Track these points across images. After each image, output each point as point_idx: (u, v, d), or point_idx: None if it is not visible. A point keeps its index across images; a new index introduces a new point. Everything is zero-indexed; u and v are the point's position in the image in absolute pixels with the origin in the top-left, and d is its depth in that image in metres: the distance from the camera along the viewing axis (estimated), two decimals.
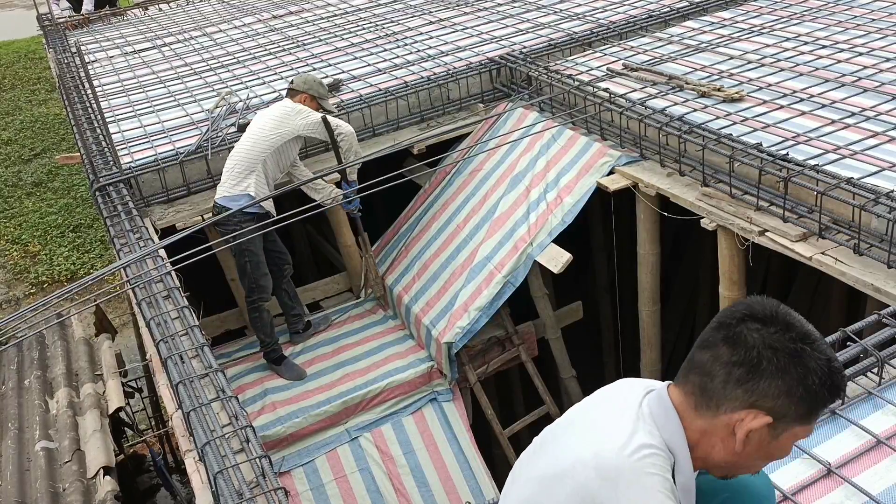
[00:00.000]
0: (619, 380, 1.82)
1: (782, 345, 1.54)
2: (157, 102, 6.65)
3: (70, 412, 4.73)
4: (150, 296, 4.08)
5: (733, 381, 1.55)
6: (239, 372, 5.43)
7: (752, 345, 1.54)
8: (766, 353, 1.53)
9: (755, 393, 1.54)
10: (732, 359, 1.56)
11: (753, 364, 1.54)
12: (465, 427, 5.14)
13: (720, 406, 1.58)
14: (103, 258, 9.99)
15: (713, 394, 1.58)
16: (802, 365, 1.53)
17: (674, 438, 1.60)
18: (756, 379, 1.54)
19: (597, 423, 1.65)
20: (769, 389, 1.53)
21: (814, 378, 1.53)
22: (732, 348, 1.56)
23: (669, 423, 1.61)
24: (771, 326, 1.55)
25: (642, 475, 1.53)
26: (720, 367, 1.57)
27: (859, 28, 6.01)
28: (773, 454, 1.64)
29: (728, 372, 1.56)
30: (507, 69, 6.25)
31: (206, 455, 3.04)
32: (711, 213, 4.43)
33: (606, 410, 1.68)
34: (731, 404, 1.56)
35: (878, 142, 4.40)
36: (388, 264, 5.92)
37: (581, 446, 1.61)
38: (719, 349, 1.58)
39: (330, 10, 8.82)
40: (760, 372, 1.53)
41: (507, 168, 5.62)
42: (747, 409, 1.56)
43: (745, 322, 1.57)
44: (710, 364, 1.59)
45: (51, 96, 15.04)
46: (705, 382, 1.59)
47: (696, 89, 5.30)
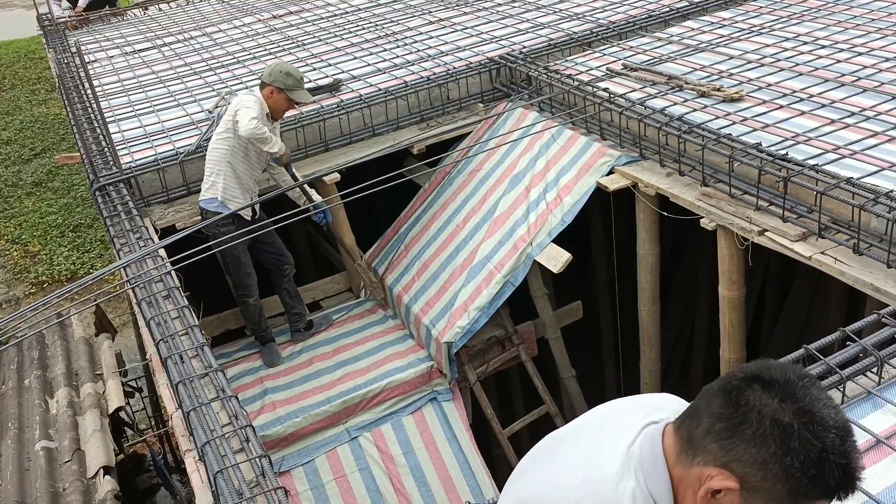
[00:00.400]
0: (624, 400, 1.75)
1: (772, 413, 1.40)
2: (156, 102, 6.65)
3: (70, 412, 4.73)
4: (149, 295, 4.08)
5: (713, 434, 1.45)
6: (239, 372, 5.44)
7: (742, 404, 1.43)
8: (751, 416, 1.41)
9: (729, 453, 1.43)
10: (718, 411, 1.46)
11: (735, 422, 1.42)
12: (465, 427, 5.14)
13: (696, 456, 1.48)
14: (103, 258, 9.99)
15: (694, 440, 1.49)
16: (784, 442, 1.38)
17: (657, 489, 1.52)
18: (734, 439, 1.42)
19: (588, 456, 1.60)
20: (743, 455, 1.41)
21: (794, 461, 1.37)
22: (725, 401, 1.46)
23: (656, 472, 1.53)
24: (772, 391, 1.42)
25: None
26: (707, 416, 1.48)
27: (859, 28, 6.02)
28: None
29: (711, 423, 1.46)
30: (506, 69, 6.25)
31: (205, 455, 3.04)
32: (711, 212, 4.43)
33: (601, 441, 1.62)
34: (706, 457, 1.46)
35: (877, 141, 4.40)
36: (388, 264, 5.92)
37: (569, 481, 1.57)
38: (714, 398, 1.49)
39: (330, 10, 8.83)
40: (739, 433, 1.41)
41: (506, 168, 5.62)
42: (719, 467, 1.44)
43: (749, 380, 1.46)
44: (701, 411, 1.50)
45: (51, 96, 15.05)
46: (692, 429, 1.50)
47: (695, 89, 5.30)
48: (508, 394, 6.78)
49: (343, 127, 5.86)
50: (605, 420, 1.68)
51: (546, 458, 1.71)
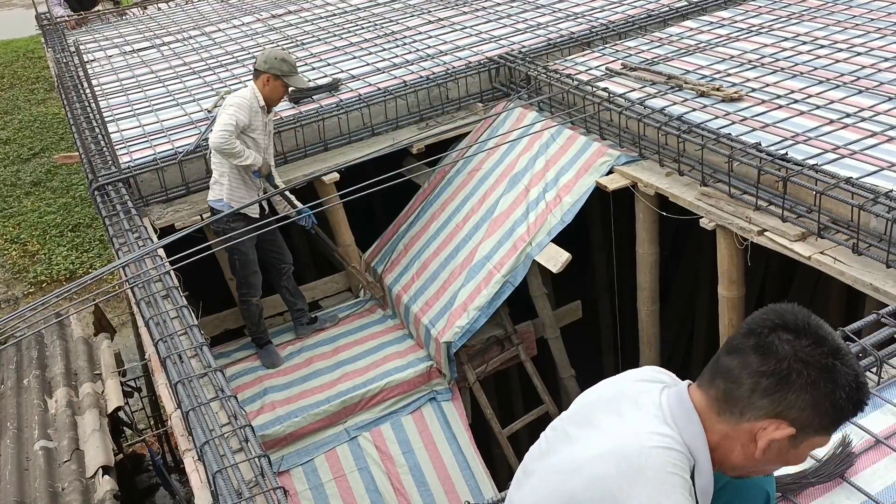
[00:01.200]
0: (628, 372, 1.80)
1: (814, 359, 1.53)
2: (155, 102, 6.64)
3: (69, 411, 4.72)
4: (148, 295, 4.08)
5: (760, 391, 1.55)
6: (238, 371, 5.43)
7: (784, 356, 1.53)
8: (796, 367, 1.53)
9: (781, 404, 1.54)
10: (762, 368, 1.55)
11: (783, 376, 1.53)
12: (465, 426, 5.14)
13: (744, 413, 1.57)
14: (102, 257, 9.99)
15: (738, 400, 1.58)
16: (832, 380, 1.53)
17: (695, 441, 1.59)
18: (784, 391, 1.53)
19: (615, 421, 1.64)
20: (796, 402, 1.54)
21: (841, 393, 1.53)
22: (763, 357, 1.55)
23: (691, 426, 1.60)
24: (803, 338, 1.54)
25: (662, 473, 1.52)
26: (748, 375, 1.56)
27: (858, 28, 6.02)
28: (789, 461, 1.65)
29: (756, 381, 1.55)
30: (506, 69, 6.25)
31: (205, 454, 3.04)
32: (710, 212, 4.43)
33: (624, 407, 1.66)
34: (756, 413, 1.56)
35: (876, 141, 4.40)
36: (387, 264, 5.92)
37: (600, 442, 1.60)
38: (749, 357, 1.56)
39: (329, 10, 8.82)
40: (790, 384, 1.53)
41: (506, 167, 5.62)
42: (772, 418, 1.56)
43: (776, 331, 1.56)
44: (738, 371, 1.57)
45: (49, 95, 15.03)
46: (731, 388, 1.58)
47: (695, 89, 5.30)
48: (508, 394, 6.78)
49: (342, 126, 5.86)
50: (620, 394, 1.71)
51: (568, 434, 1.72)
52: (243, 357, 5.60)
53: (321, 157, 5.81)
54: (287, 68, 4.99)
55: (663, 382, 1.71)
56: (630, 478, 1.51)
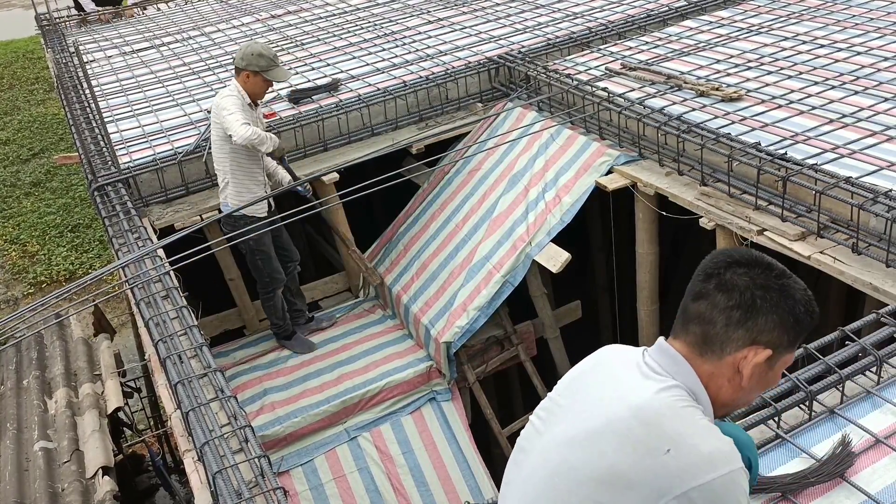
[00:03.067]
0: (601, 349, 1.87)
1: (770, 283, 1.68)
2: (155, 102, 6.64)
3: (69, 412, 4.72)
4: (148, 296, 4.08)
5: (734, 324, 1.67)
6: (238, 372, 5.44)
7: (745, 287, 1.67)
8: (758, 293, 1.67)
9: (754, 330, 1.67)
10: (729, 303, 1.68)
11: (749, 304, 1.67)
12: (464, 426, 5.14)
13: (724, 348, 1.69)
14: (102, 258, 9.98)
15: (716, 338, 1.69)
16: (791, 297, 1.68)
17: (689, 380, 1.69)
18: (754, 317, 1.67)
19: (608, 384, 1.72)
20: (766, 325, 1.67)
21: (800, 307, 1.69)
22: (727, 294, 1.68)
23: (681, 369, 1.70)
24: (755, 268, 1.69)
25: (679, 409, 1.62)
26: (719, 312, 1.68)
27: (857, 27, 6.02)
28: (768, 383, 1.77)
29: (728, 316, 1.67)
30: (505, 69, 6.25)
31: (204, 455, 3.04)
32: (710, 212, 4.43)
33: (614, 371, 1.75)
34: (735, 345, 1.68)
35: (876, 141, 4.40)
36: (387, 264, 5.92)
37: (606, 404, 1.66)
38: (715, 297, 1.69)
39: (328, 10, 8.82)
40: (757, 310, 1.67)
41: (505, 167, 5.62)
42: (749, 346, 1.68)
43: (731, 268, 1.70)
44: (709, 312, 1.70)
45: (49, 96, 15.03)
46: (707, 330, 1.70)
47: (694, 88, 5.30)
48: (508, 393, 6.78)
49: (342, 127, 5.86)
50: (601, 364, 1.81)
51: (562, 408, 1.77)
52: (243, 357, 5.60)
53: (321, 158, 5.81)
54: (265, 63, 4.91)
55: (639, 348, 1.81)
56: (653, 424, 1.59)
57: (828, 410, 2.70)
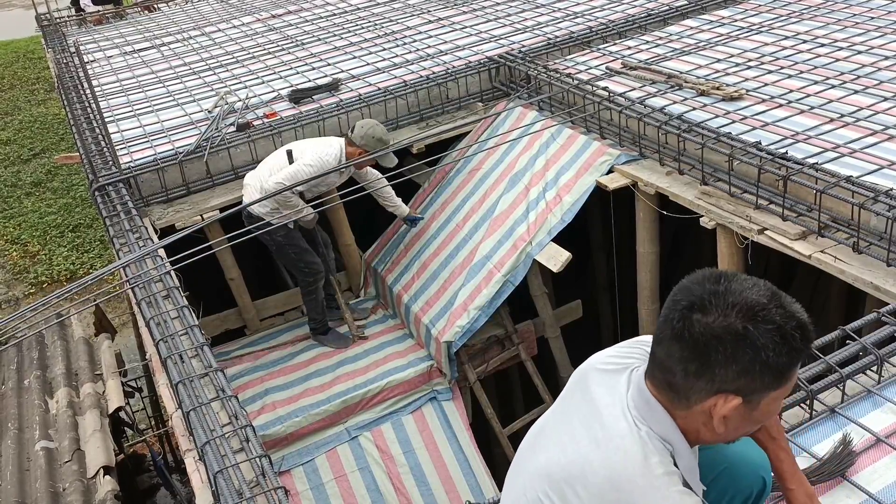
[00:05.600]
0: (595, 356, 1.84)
1: (725, 331, 1.52)
2: (156, 102, 6.65)
3: (70, 412, 4.73)
4: (149, 295, 4.08)
5: (692, 375, 1.57)
6: (239, 371, 5.44)
7: (698, 337, 1.54)
8: (712, 344, 1.53)
9: (715, 381, 1.55)
10: (683, 354, 1.57)
11: (703, 358, 1.54)
12: (465, 426, 5.14)
13: (690, 398, 1.60)
14: (103, 258, 9.99)
15: (679, 388, 1.60)
16: (751, 345, 1.52)
17: (664, 429, 1.63)
18: (710, 369, 1.54)
19: (592, 421, 1.68)
20: (726, 375, 1.54)
21: (767, 353, 1.52)
22: (680, 344, 1.57)
23: (656, 415, 1.63)
24: (711, 314, 1.54)
25: (653, 479, 1.57)
26: (675, 363, 1.58)
27: (858, 26, 6.01)
28: (759, 419, 1.67)
29: (684, 368, 1.57)
30: (506, 68, 6.25)
31: (205, 454, 3.04)
32: (711, 211, 4.43)
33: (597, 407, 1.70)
34: (699, 395, 1.59)
35: (876, 140, 4.40)
36: (388, 264, 5.92)
37: (584, 449, 1.64)
38: (671, 346, 1.59)
39: (329, 10, 8.82)
40: (711, 363, 1.54)
41: (506, 167, 5.62)
42: (715, 395, 1.57)
43: (686, 314, 1.56)
44: (667, 361, 1.60)
45: (50, 96, 15.03)
46: (669, 378, 1.61)
47: (695, 88, 5.30)
48: (508, 393, 6.78)
49: (342, 126, 5.85)
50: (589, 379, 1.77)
51: (553, 427, 1.78)
52: (244, 357, 5.61)
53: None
54: (381, 148, 5.17)
55: (632, 360, 1.75)
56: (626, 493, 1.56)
57: (828, 409, 2.70)
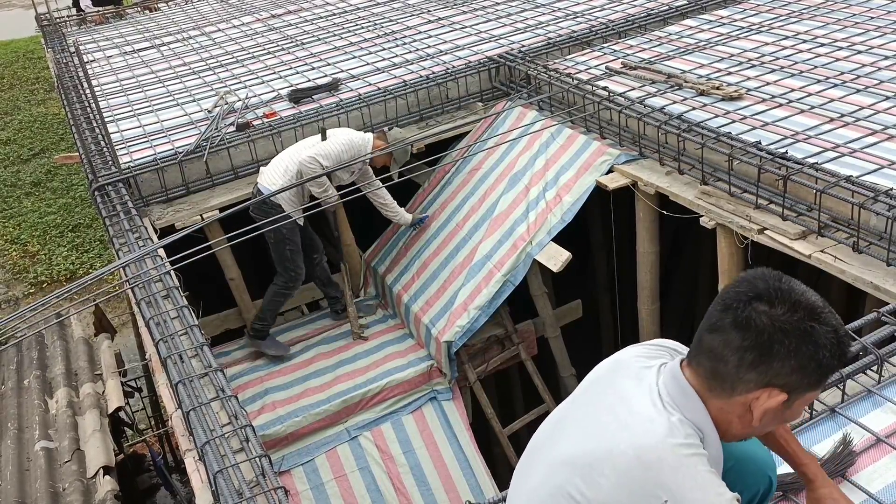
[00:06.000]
0: (622, 352, 1.83)
1: (792, 326, 1.55)
2: (155, 102, 6.64)
3: (70, 412, 4.73)
4: (149, 295, 4.08)
5: (746, 365, 1.58)
6: (238, 371, 5.43)
7: (762, 328, 1.56)
8: (777, 336, 1.55)
9: (768, 374, 1.57)
10: (744, 343, 1.57)
11: (765, 348, 1.56)
12: (465, 426, 5.13)
13: (735, 388, 1.61)
14: (102, 258, 9.98)
15: (727, 377, 1.61)
16: (813, 343, 1.56)
17: (697, 416, 1.63)
18: (769, 362, 1.56)
19: (619, 407, 1.66)
20: (782, 370, 1.56)
21: (824, 353, 1.56)
22: (743, 333, 1.57)
23: (690, 403, 1.64)
24: (779, 307, 1.57)
25: (682, 457, 1.56)
26: (731, 352, 1.58)
27: (858, 26, 6.01)
28: (786, 419, 1.71)
29: (741, 357, 1.58)
30: (505, 68, 6.25)
31: (205, 454, 3.04)
32: (710, 211, 4.43)
33: (626, 393, 1.69)
34: (746, 386, 1.60)
35: (876, 140, 4.40)
36: (388, 264, 5.92)
37: (612, 433, 1.62)
38: (729, 334, 1.59)
39: (329, 10, 8.82)
40: (773, 355, 1.55)
41: (506, 167, 5.62)
42: (762, 388, 1.59)
43: (751, 304, 1.58)
44: (721, 349, 1.60)
45: (49, 96, 15.03)
46: (717, 367, 1.61)
47: (695, 87, 5.30)
48: (508, 393, 6.78)
49: (342, 126, 5.85)
50: (618, 376, 1.75)
51: (575, 417, 1.76)
52: (244, 357, 5.60)
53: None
54: (403, 159, 5.54)
55: (661, 358, 1.75)
56: (654, 470, 1.55)
57: (828, 409, 2.70)
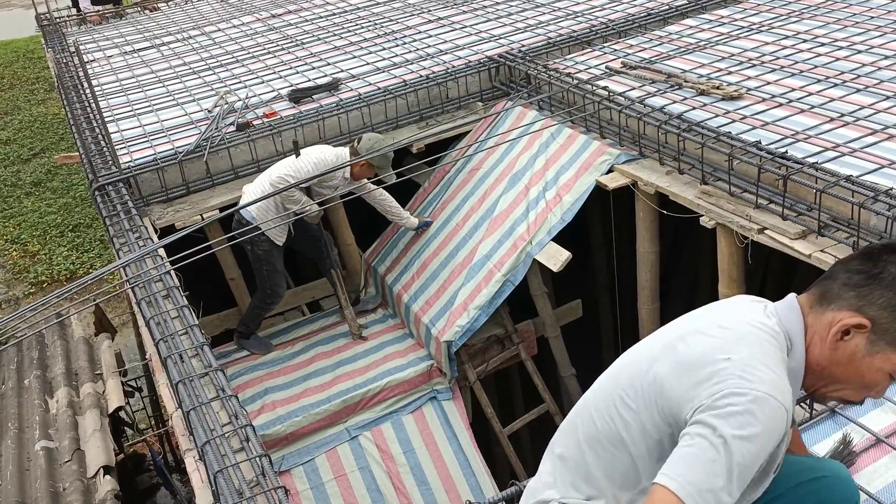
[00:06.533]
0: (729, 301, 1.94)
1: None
2: (155, 102, 6.64)
3: (70, 412, 4.73)
4: (149, 295, 4.08)
5: (850, 285, 1.70)
6: (238, 371, 5.43)
7: (882, 264, 1.69)
8: (889, 268, 1.67)
9: (864, 298, 1.68)
10: (857, 266, 1.72)
11: (873, 274, 1.68)
12: (465, 426, 5.14)
13: (831, 304, 1.73)
14: (102, 258, 9.99)
15: (829, 294, 1.73)
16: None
17: (793, 328, 1.74)
18: (870, 285, 1.68)
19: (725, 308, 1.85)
20: (878, 299, 1.67)
21: None
22: (863, 260, 1.73)
23: (791, 314, 1.76)
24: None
25: (762, 339, 1.68)
26: (844, 271, 1.73)
27: (858, 26, 6.01)
28: (864, 376, 1.73)
29: (849, 276, 1.72)
30: (505, 67, 6.25)
31: (205, 454, 3.04)
32: (710, 211, 4.43)
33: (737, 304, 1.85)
34: (840, 304, 1.71)
35: (876, 139, 4.40)
36: (388, 263, 5.92)
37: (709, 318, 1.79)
38: (853, 260, 1.75)
39: (328, 9, 8.82)
40: (878, 281, 1.67)
41: (506, 166, 5.62)
42: (853, 311, 1.69)
43: (886, 249, 1.72)
44: (839, 269, 1.76)
45: (49, 96, 15.03)
46: (828, 285, 1.75)
47: (694, 87, 5.30)
48: (508, 393, 6.78)
49: (342, 126, 5.86)
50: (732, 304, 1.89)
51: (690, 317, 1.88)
52: (244, 357, 5.60)
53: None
54: (384, 164, 5.27)
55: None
56: (733, 341, 1.66)
57: (828, 409, 2.70)
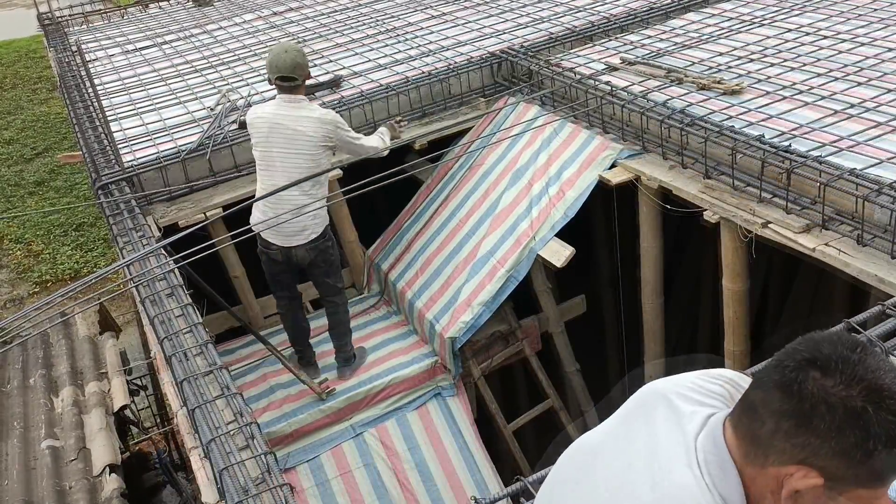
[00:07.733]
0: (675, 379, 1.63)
1: (841, 402, 1.31)
2: (158, 100, 6.64)
3: (75, 410, 4.74)
4: (153, 293, 4.08)
5: (782, 433, 1.36)
6: (243, 369, 5.44)
7: (807, 396, 1.33)
8: (820, 409, 1.32)
9: (805, 450, 1.34)
10: (783, 407, 1.36)
11: (805, 418, 1.33)
12: (470, 422, 5.14)
13: (768, 456, 1.39)
14: (106, 256, 10.01)
15: (761, 442, 1.40)
16: (862, 428, 1.30)
17: (729, 491, 1.42)
18: (807, 435, 1.33)
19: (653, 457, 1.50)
20: (821, 449, 1.33)
21: (876, 444, 1.30)
22: (784, 395, 1.36)
23: (727, 477, 1.43)
24: (833, 377, 1.32)
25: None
26: (769, 414, 1.38)
27: (861, 18, 5.99)
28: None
29: (777, 422, 1.36)
30: (508, 63, 6.24)
31: (210, 452, 3.04)
32: (714, 205, 4.42)
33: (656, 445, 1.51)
34: (780, 457, 1.37)
35: (880, 133, 4.39)
36: (391, 260, 5.92)
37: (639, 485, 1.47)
38: (771, 393, 1.38)
39: (330, 7, 8.81)
40: (811, 429, 1.33)
41: (508, 163, 5.61)
42: (797, 464, 1.36)
43: (804, 368, 1.35)
44: (760, 408, 1.40)
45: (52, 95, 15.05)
46: (754, 427, 1.41)
47: (695, 82, 5.29)
48: (512, 389, 6.77)
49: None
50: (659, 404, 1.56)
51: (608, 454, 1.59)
52: (248, 354, 5.61)
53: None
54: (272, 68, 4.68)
55: (713, 404, 1.55)
56: None
57: None
